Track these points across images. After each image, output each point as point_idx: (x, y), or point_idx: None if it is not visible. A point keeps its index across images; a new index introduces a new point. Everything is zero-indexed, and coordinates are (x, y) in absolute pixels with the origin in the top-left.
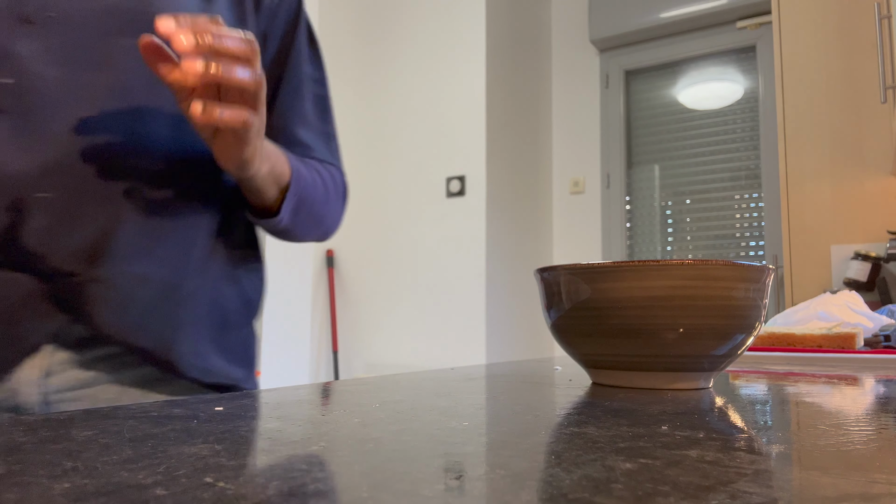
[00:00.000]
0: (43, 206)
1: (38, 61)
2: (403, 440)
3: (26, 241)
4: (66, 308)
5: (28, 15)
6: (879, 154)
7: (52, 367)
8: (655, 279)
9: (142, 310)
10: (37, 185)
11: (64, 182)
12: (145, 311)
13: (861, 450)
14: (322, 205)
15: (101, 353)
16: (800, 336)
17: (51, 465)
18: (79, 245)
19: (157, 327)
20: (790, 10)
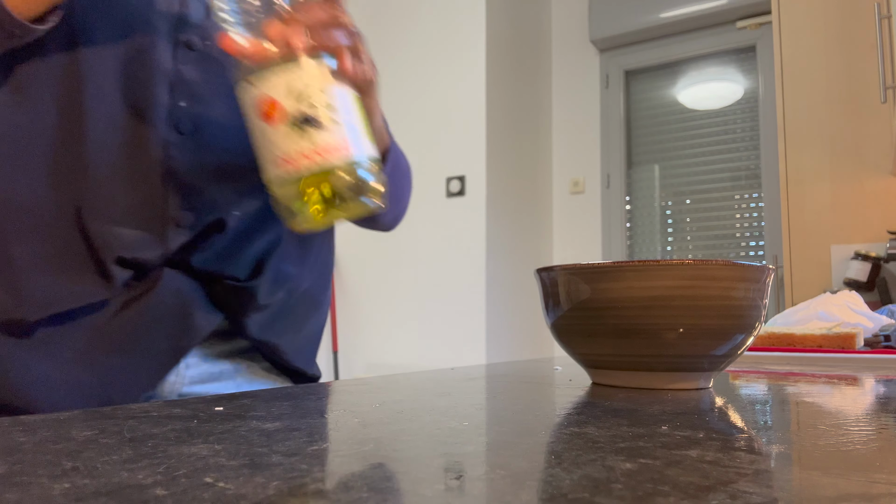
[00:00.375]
0: (234, 223)
1: (203, 88)
2: (403, 440)
3: (214, 249)
4: (222, 308)
5: (188, 41)
6: (879, 154)
7: (191, 356)
8: (655, 279)
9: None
10: (231, 205)
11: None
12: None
13: (861, 450)
14: (406, 178)
15: (234, 348)
16: (800, 336)
17: (51, 465)
18: (249, 258)
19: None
20: (790, 10)
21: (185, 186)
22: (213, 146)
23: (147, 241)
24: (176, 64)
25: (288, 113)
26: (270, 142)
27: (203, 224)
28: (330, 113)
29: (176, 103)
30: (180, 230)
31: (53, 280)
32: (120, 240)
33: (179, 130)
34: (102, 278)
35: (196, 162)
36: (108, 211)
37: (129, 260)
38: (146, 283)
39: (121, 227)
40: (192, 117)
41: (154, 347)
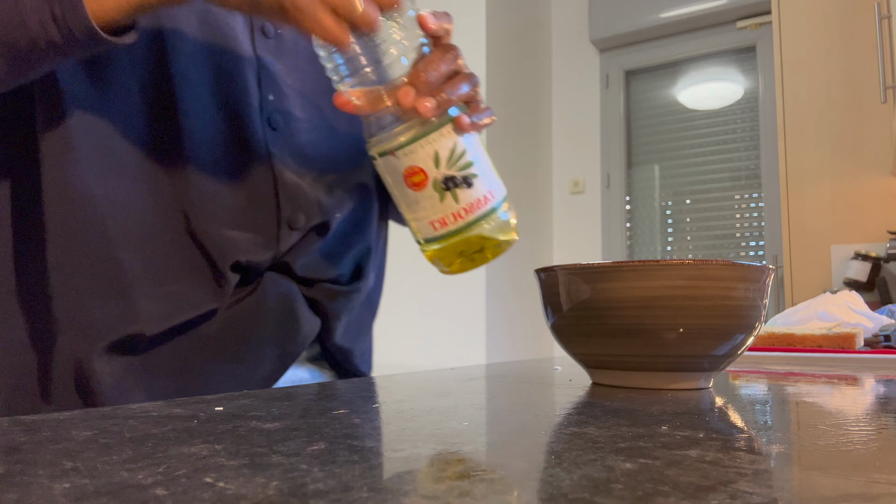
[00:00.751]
0: (337, 225)
1: (283, 81)
2: (403, 440)
3: (319, 252)
4: (317, 312)
5: (263, 27)
6: (879, 154)
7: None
8: (655, 279)
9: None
10: (335, 207)
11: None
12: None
13: (861, 450)
14: None
15: (309, 354)
16: (800, 336)
17: (51, 465)
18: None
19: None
20: (790, 10)
21: (292, 185)
22: (303, 144)
23: (260, 243)
24: (256, 52)
25: (435, 179)
26: (419, 206)
27: (311, 226)
28: (471, 169)
29: (265, 96)
30: (292, 233)
31: (168, 290)
32: (234, 244)
33: (272, 125)
34: (217, 285)
35: (293, 160)
36: (216, 213)
37: (243, 264)
38: (249, 287)
39: (233, 231)
40: (281, 112)
41: (261, 354)
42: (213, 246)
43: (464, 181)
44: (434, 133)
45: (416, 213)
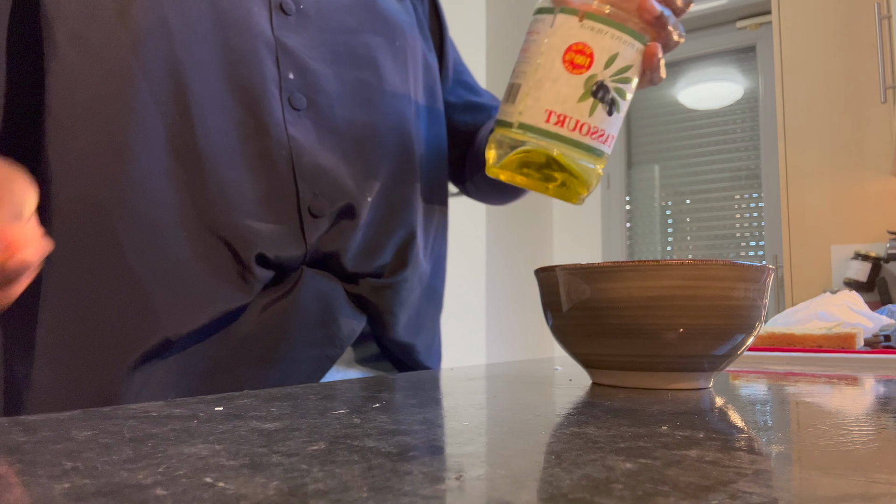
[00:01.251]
0: (368, 209)
1: (308, 56)
2: (404, 440)
3: (352, 240)
4: (364, 309)
5: (281, 4)
6: (879, 154)
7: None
8: (655, 279)
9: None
10: (363, 189)
11: (376, 187)
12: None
13: (861, 450)
14: None
15: (364, 355)
16: (800, 336)
17: (51, 465)
18: (389, 249)
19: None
20: (790, 10)
21: (312, 169)
22: (331, 121)
23: (285, 234)
24: (275, 32)
25: (595, 79)
26: (553, 87)
27: (335, 211)
28: (624, 105)
29: (285, 76)
30: (317, 221)
31: (188, 289)
32: (257, 234)
33: (294, 106)
34: (243, 280)
35: (317, 141)
36: (236, 204)
37: (272, 260)
38: (286, 286)
39: (256, 221)
40: (303, 90)
41: (298, 357)
42: (234, 237)
43: (611, 104)
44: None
45: (542, 91)
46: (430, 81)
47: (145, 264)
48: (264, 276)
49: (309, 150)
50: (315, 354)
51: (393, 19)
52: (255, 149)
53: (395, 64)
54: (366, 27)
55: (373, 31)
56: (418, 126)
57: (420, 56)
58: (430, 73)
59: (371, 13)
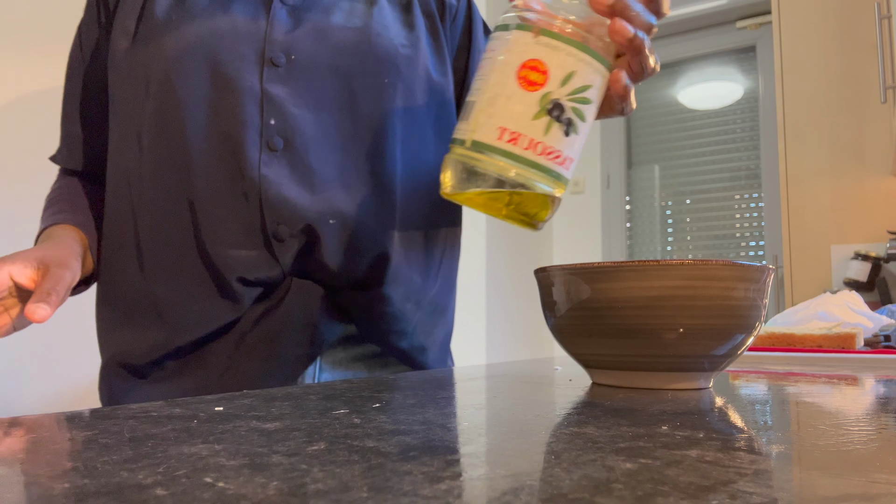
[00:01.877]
0: (332, 232)
1: (291, 103)
2: (404, 440)
3: (321, 259)
4: (350, 316)
5: (272, 58)
6: (879, 154)
7: (324, 362)
8: (655, 279)
9: (409, 322)
10: (324, 214)
11: (342, 213)
12: (411, 323)
13: (861, 450)
14: None
15: (364, 352)
16: (800, 336)
17: (51, 465)
18: (365, 266)
19: (420, 337)
20: (790, 10)
21: (276, 201)
22: (305, 159)
23: (259, 258)
24: (262, 83)
25: (550, 97)
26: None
27: (296, 233)
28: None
29: (266, 122)
30: (283, 244)
31: (192, 309)
32: (237, 261)
33: (271, 148)
34: (230, 299)
35: (288, 176)
36: (221, 236)
37: (253, 280)
38: (277, 295)
39: (235, 249)
40: (282, 133)
41: (287, 354)
42: (220, 264)
43: (567, 124)
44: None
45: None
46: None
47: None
48: (251, 293)
49: (276, 185)
50: (300, 353)
51: (385, 56)
52: (235, 188)
53: (378, 103)
54: (355, 69)
55: (361, 72)
56: (395, 160)
57: (420, 82)
58: (436, 93)
59: (362, 54)
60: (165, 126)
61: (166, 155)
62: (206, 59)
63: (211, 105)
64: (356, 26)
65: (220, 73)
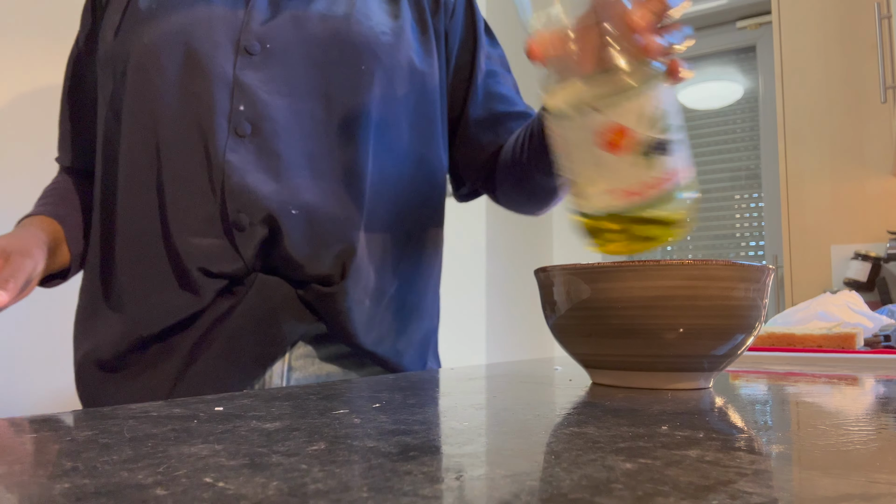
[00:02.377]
0: (295, 223)
1: (263, 90)
2: (404, 440)
3: (285, 251)
4: (316, 312)
5: (246, 46)
6: (879, 154)
7: (294, 361)
8: (655, 279)
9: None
10: (287, 203)
11: (307, 203)
12: (374, 320)
13: (861, 450)
14: None
15: (337, 352)
16: (800, 336)
17: (51, 465)
18: (330, 258)
19: (389, 337)
20: (790, 10)
21: (237, 188)
22: (273, 145)
23: (221, 248)
24: (235, 70)
25: (639, 141)
26: (611, 171)
27: (257, 223)
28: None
29: (236, 108)
30: (244, 234)
31: (155, 299)
32: (199, 250)
33: (238, 133)
34: (191, 291)
35: (253, 163)
36: (187, 224)
37: (215, 272)
38: (241, 290)
39: (198, 238)
40: (251, 118)
41: (249, 352)
42: (183, 254)
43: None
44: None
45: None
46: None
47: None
48: (213, 286)
49: (240, 171)
50: (258, 352)
51: (364, 44)
52: (202, 175)
53: (354, 90)
54: (331, 57)
55: (338, 61)
56: (367, 149)
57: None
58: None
59: (340, 43)
60: (138, 112)
61: (139, 141)
62: (181, 45)
63: (182, 91)
64: (337, 14)
65: (193, 59)
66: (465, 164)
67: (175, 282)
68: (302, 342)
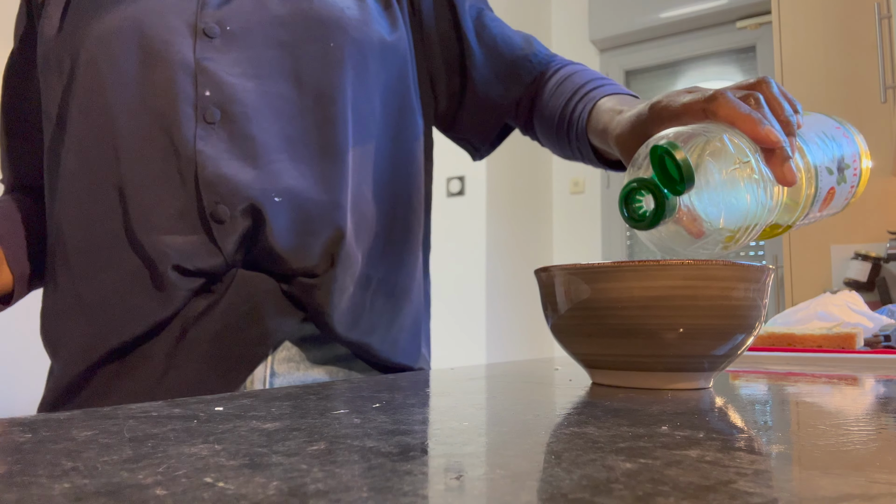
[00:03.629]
0: (278, 211)
1: (228, 73)
2: (404, 440)
3: (268, 242)
4: (302, 307)
5: (205, 29)
6: (879, 154)
7: (278, 366)
8: (655, 279)
9: (363, 307)
10: (268, 191)
11: (290, 188)
12: (366, 308)
13: (861, 450)
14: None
15: (323, 356)
16: (800, 336)
17: (51, 465)
18: (318, 247)
19: (383, 324)
20: (790, 10)
21: (213, 178)
22: (245, 129)
23: (198, 244)
24: (196, 54)
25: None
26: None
27: (238, 214)
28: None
29: (201, 94)
30: (223, 227)
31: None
32: (173, 248)
33: (207, 120)
34: (165, 292)
35: (227, 150)
36: (155, 222)
37: (192, 270)
38: (220, 289)
39: (170, 236)
40: (218, 104)
41: (232, 354)
42: (153, 253)
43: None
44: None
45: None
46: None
47: (89, 286)
48: (189, 285)
49: (214, 160)
50: (243, 352)
51: (330, 19)
52: (170, 168)
53: (325, 68)
54: (297, 35)
55: (305, 39)
56: (346, 127)
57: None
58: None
59: (305, 20)
60: (92, 109)
61: (92, 140)
62: (134, 34)
63: (140, 83)
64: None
65: (148, 48)
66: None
67: (144, 285)
68: (286, 345)
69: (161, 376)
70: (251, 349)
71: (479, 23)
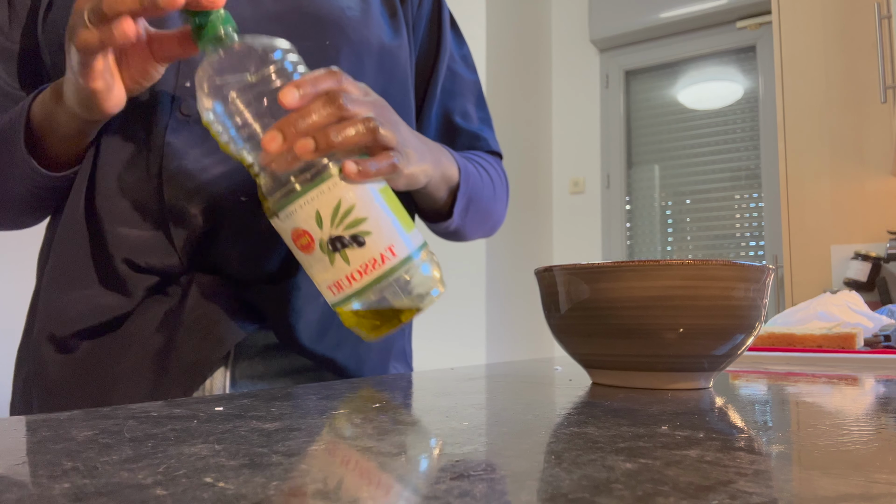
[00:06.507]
0: (242, 212)
1: None
2: (404, 441)
3: (229, 245)
4: (259, 315)
5: None
6: (879, 154)
7: (239, 374)
8: (655, 279)
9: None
10: (235, 191)
11: (249, 188)
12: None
13: (861, 450)
14: (490, 201)
15: (289, 365)
16: (800, 336)
17: (51, 465)
18: (276, 254)
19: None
20: (790, 10)
21: (176, 173)
22: None
23: (154, 240)
24: None
25: (321, 241)
26: (313, 270)
27: (198, 213)
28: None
29: (181, 85)
30: (181, 225)
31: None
32: (126, 241)
33: (183, 112)
34: (116, 289)
35: (199, 145)
36: (116, 212)
37: (143, 266)
38: (175, 292)
39: (127, 228)
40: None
41: (184, 361)
42: (110, 244)
43: (353, 240)
44: (313, 190)
45: (314, 276)
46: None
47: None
48: (142, 282)
49: (180, 154)
50: (197, 359)
51: (328, 18)
52: (139, 158)
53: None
54: (292, 33)
55: (300, 36)
56: None
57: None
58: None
59: (301, 16)
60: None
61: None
62: None
63: None
64: None
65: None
66: None
67: (97, 277)
68: (248, 354)
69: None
70: (205, 355)
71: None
